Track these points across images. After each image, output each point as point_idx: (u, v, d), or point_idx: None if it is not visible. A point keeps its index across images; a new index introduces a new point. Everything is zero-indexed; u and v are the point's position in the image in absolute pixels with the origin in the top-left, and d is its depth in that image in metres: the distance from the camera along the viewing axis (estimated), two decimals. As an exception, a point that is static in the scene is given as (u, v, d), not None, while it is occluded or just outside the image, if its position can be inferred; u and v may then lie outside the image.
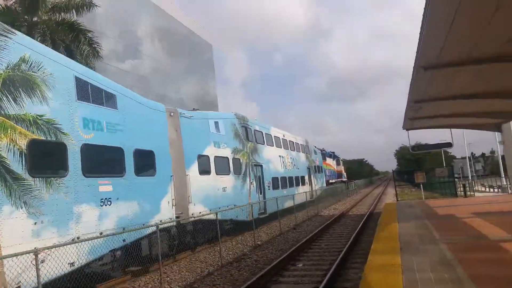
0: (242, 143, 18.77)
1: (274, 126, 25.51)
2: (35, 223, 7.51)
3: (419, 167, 70.35)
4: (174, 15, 56.60)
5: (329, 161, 49.51)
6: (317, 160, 35.55)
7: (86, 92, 9.34)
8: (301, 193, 25.27)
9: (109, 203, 9.32)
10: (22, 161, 7.49)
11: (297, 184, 26.73)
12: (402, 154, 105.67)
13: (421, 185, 25.90)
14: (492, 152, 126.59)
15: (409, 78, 10.56)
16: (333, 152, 55.31)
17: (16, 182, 7.33)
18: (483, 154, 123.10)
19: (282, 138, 25.38)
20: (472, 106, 14.20)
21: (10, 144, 7.32)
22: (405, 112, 15.13)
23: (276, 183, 22.55)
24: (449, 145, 21.80)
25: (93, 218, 8.84)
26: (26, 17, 17.97)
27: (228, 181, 16.66)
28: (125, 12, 44.34)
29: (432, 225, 11.71)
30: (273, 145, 23.20)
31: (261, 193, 20.07)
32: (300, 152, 29.42)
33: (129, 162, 10.29)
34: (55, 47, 17.28)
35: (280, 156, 24.07)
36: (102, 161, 9.67)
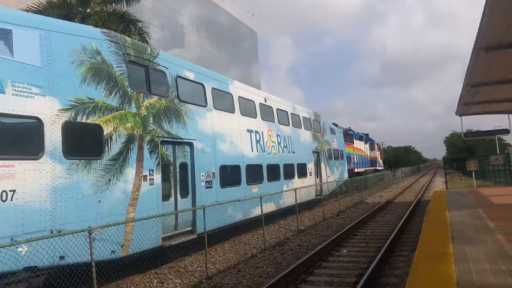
0: (120, 95, 9.13)
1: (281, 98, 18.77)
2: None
3: (470, 154, 67.11)
4: (219, 3, 56.84)
5: (358, 144, 40.10)
6: (335, 141, 25.76)
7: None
8: (293, 190, 15.73)
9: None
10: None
11: (290, 176, 17.76)
12: (452, 141, 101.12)
13: (473, 173, 24.67)
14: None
15: (465, 63, 9.97)
16: (366, 134, 45.57)
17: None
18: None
19: (261, 104, 16.32)
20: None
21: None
22: (459, 97, 14.36)
23: (235, 175, 13.52)
24: (506, 131, 20.47)
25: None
26: (79, 9, 18.62)
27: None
28: (170, 0, 45.04)
29: (486, 214, 11.11)
30: (233, 112, 14.10)
31: (185, 196, 11.00)
32: (300, 128, 20.10)
33: None
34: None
35: (251, 131, 14.97)
36: None
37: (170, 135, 10.51)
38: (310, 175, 20.31)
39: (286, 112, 18.65)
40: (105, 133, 8.51)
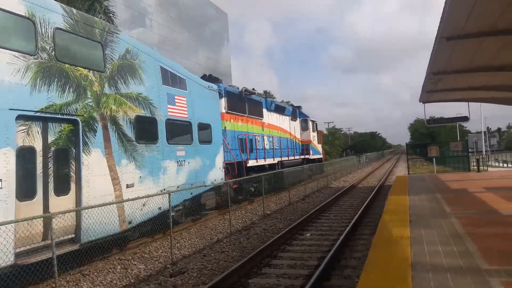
0: None
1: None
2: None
3: (433, 141, 69.59)
4: (187, -18, 55.56)
5: (277, 119, 24.31)
6: (182, 105, 12.33)
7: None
8: None
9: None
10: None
11: None
12: (416, 128, 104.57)
13: (434, 159, 25.63)
14: (510, 127, 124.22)
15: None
16: (297, 108, 30.04)
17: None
18: (499, 129, 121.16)
19: None
20: (496, 79, 13.76)
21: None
22: (423, 84, 14.75)
23: None
24: (465, 119, 21.31)
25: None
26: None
27: None
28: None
29: (443, 199, 11.61)
30: None
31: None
32: None
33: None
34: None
35: None
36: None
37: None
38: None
39: None
40: None
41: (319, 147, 32.61)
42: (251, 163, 18.58)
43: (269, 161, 21.15)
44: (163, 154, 11.06)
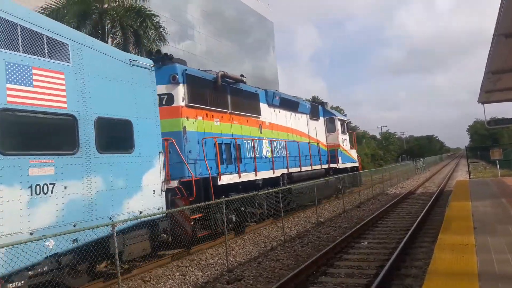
0: None
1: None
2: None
3: (494, 143, 65.49)
4: (233, -6, 56.71)
5: (284, 117, 17.81)
6: (46, 85, 6.89)
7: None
8: None
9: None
10: None
11: None
12: (476, 129, 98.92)
13: (497, 162, 24.13)
14: None
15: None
16: (319, 104, 23.57)
17: None
18: None
19: None
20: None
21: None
22: (481, 84, 14.05)
23: None
24: (531, 118, 19.94)
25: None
26: (96, 4, 18.92)
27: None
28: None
29: (509, 204, 10.90)
30: None
31: None
32: None
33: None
34: (124, 32, 18.06)
35: None
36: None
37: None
38: None
39: None
40: None
41: (353, 153, 25.67)
42: (226, 179, 12.02)
43: (265, 174, 14.45)
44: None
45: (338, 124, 23.14)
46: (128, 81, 8.63)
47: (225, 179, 11.93)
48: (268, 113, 16.22)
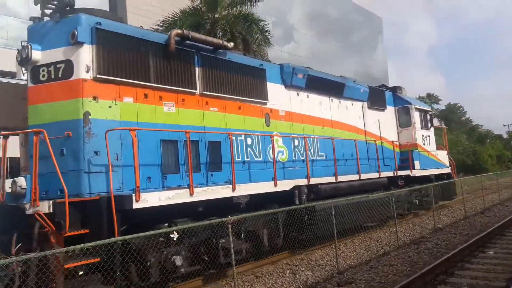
0: None
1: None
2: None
3: None
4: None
5: (319, 103, 12.59)
6: None
7: None
8: None
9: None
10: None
11: None
12: None
13: None
14: None
15: None
16: (387, 89, 17.33)
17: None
18: None
19: None
20: None
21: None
22: None
23: None
24: None
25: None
26: (209, 14, 20.20)
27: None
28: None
29: None
30: None
31: None
32: None
33: None
34: (234, 39, 18.99)
35: None
36: None
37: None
38: None
39: None
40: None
41: (442, 155, 18.53)
42: (154, 199, 7.09)
43: (255, 188, 9.27)
44: None
45: (416, 116, 16.84)
46: None
47: (152, 199, 6.98)
48: (285, 98, 11.43)
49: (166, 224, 7.43)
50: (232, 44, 10.11)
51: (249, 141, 9.89)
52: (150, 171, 7.63)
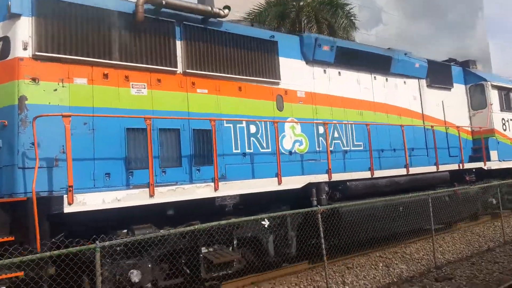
0: None
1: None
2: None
3: None
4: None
5: (355, 81, 10.28)
6: None
7: None
8: None
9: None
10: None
11: None
12: None
13: None
14: None
15: None
16: (453, 63, 13.88)
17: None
18: None
19: None
20: None
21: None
22: None
23: None
24: None
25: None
26: (294, 3, 20.09)
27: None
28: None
29: None
30: None
31: None
32: None
33: None
34: (319, 25, 18.66)
35: None
36: None
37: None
38: None
39: None
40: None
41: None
42: (96, 200, 5.55)
43: (249, 186, 7.19)
44: None
45: (494, 95, 13.55)
46: None
47: (93, 202, 5.53)
48: (306, 76, 9.35)
49: (125, 231, 5.99)
50: (227, 11, 7.88)
51: (252, 128, 8.09)
52: (109, 166, 6.26)
